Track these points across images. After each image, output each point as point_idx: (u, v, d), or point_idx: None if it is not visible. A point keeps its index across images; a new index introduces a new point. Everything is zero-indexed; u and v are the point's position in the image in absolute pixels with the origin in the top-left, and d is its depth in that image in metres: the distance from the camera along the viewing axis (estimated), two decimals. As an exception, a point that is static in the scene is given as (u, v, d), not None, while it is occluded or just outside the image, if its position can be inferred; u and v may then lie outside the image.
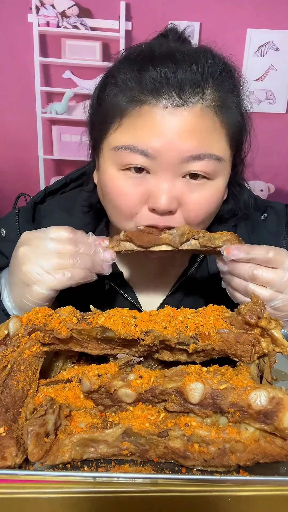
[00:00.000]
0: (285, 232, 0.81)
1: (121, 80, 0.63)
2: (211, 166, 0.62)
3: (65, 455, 0.40)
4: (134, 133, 0.62)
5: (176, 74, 0.60)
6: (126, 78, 0.62)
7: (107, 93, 0.66)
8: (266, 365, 0.49)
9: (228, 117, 0.64)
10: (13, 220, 0.79)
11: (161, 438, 0.41)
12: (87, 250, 0.61)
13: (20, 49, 2.54)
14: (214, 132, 0.63)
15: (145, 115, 0.61)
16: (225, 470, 0.41)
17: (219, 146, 0.63)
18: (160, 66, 0.60)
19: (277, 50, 2.69)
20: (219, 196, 0.67)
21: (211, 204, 0.66)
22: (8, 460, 0.39)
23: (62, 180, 0.88)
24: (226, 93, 0.64)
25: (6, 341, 0.49)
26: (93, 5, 2.48)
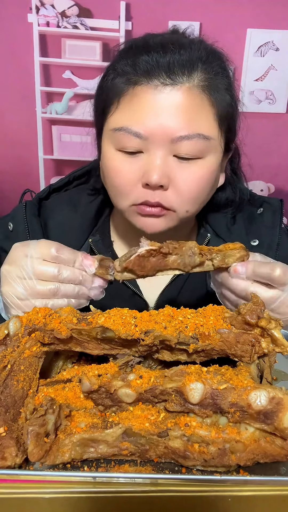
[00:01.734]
0: (279, 225, 0.85)
1: (119, 66, 0.69)
2: (200, 145, 0.66)
3: (65, 455, 0.40)
4: (129, 114, 0.66)
5: (165, 56, 0.65)
6: (123, 63, 0.68)
7: (107, 79, 0.71)
8: (266, 365, 0.49)
9: (217, 97, 0.68)
10: (20, 213, 0.81)
11: (161, 438, 0.41)
12: (72, 276, 0.55)
13: (20, 49, 2.55)
14: (202, 111, 0.66)
15: (138, 95, 0.65)
16: (225, 470, 0.41)
17: (208, 125, 0.67)
18: (152, 51, 0.65)
19: (277, 50, 2.69)
20: (210, 175, 0.70)
21: (202, 182, 0.69)
22: (8, 460, 0.39)
23: (65, 178, 0.91)
24: (214, 75, 0.68)
25: (6, 341, 0.49)
26: (93, 5, 2.48)
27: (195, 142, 0.65)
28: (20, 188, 1.02)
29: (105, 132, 0.71)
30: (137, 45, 0.69)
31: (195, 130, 0.65)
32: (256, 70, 2.74)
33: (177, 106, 0.64)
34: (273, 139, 2.77)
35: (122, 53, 0.71)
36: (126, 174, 0.68)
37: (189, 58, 0.65)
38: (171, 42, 0.67)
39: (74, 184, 0.91)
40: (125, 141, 0.66)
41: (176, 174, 0.67)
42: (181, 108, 0.64)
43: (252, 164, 0.87)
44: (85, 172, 0.90)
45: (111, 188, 0.73)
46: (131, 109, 0.66)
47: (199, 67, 0.66)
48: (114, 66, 0.70)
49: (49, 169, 2.79)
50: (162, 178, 0.65)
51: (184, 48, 0.66)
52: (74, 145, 2.67)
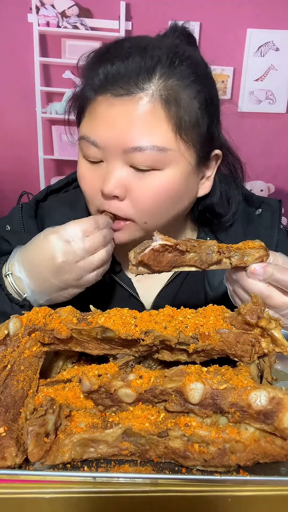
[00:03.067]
0: (278, 226, 0.84)
1: (85, 75, 0.70)
2: (154, 157, 0.64)
3: (65, 455, 0.40)
4: (90, 123, 0.67)
5: (121, 66, 0.63)
6: (86, 73, 0.69)
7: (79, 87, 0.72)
8: (266, 365, 0.49)
9: (177, 107, 0.64)
10: (16, 215, 0.81)
11: (161, 438, 0.41)
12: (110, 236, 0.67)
13: (20, 49, 2.55)
14: (157, 122, 0.64)
15: (96, 106, 0.66)
16: (225, 470, 0.41)
17: (162, 136, 0.64)
18: (108, 61, 0.65)
19: (277, 50, 2.70)
20: (171, 186, 0.67)
21: (160, 193, 0.67)
22: (8, 460, 0.39)
23: (64, 179, 0.90)
24: (178, 81, 0.64)
25: (6, 341, 0.49)
26: (93, 5, 2.48)
27: (149, 154, 0.63)
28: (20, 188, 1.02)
29: (78, 140, 0.72)
30: (100, 53, 0.69)
31: (148, 142, 0.63)
32: (256, 70, 2.74)
33: (129, 117, 0.63)
34: (273, 139, 2.78)
35: (89, 62, 0.70)
36: (89, 181, 0.70)
37: (144, 65, 0.63)
38: (129, 48, 0.64)
39: (74, 185, 0.90)
40: (86, 150, 0.67)
41: (133, 185, 0.66)
42: (134, 119, 0.63)
43: (252, 164, 0.86)
44: None
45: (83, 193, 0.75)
46: (91, 119, 0.67)
47: (156, 75, 0.63)
48: (82, 73, 0.71)
49: (49, 169, 2.79)
50: (115, 189, 0.66)
51: (141, 54, 0.63)
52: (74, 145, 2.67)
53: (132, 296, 0.83)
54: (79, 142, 0.70)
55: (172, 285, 0.84)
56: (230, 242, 0.83)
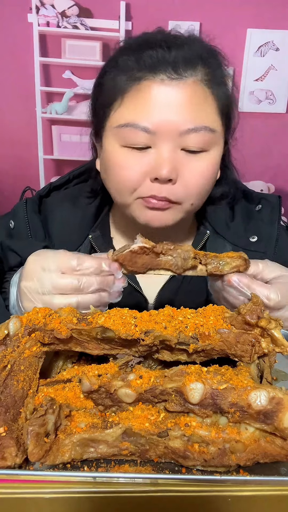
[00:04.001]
0: (278, 221, 0.85)
1: (121, 61, 0.69)
2: (206, 138, 0.67)
3: (65, 455, 0.40)
4: (135, 109, 0.67)
5: (170, 52, 0.66)
6: (126, 59, 0.68)
7: (108, 76, 0.71)
8: (266, 365, 0.49)
9: (219, 90, 0.70)
10: (21, 210, 0.82)
11: (161, 438, 0.41)
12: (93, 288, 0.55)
13: (20, 49, 2.55)
14: (207, 105, 0.68)
15: (144, 90, 0.66)
16: (225, 470, 0.41)
17: (212, 118, 0.68)
18: (156, 46, 0.67)
19: (277, 50, 2.70)
20: (214, 168, 0.72)
21: (208, 174, 0.70)
22: (8, 460, 0.39)
23: (65, 176, 0.92)
24: (215, 69, 0.70)
25: (6, 341, 0.49)
26: (93, 5, 2.48)
27: (202, 135, 0.66)
28: (20, 188, 1.03)
29: (108, 130, 0.71)
30: (139, 42, 0.70)
31: (201, 123, 0.66)
32: (256, 70, 2.74)
33: (183, 100, 0.65)
34: (273, 139, 2.77)
35: (123, 50, 0.72)
36: (133, 169, 0.68)
37: (192, 53, 0.67)
38: (174, 39, 0.69)
39: (74, 183, 0.92)
40: (132, 137, 0.66)
41: (184, 167, 0.68)
42: (188, 102, 0.65)
43: (252, 164, 0.87)
44: (85, 171, 0.91)
45: (114, 184, 0.73)
46: (137, 105, 0.66)
47: (200, 62, 0.67)
48: (114, 63, 0.71)
49: (49, 169, 2.79)
50: (172, 172, 0.66)
51: (186, 44, 0.68)
52: (74, 145, 2.67)
53: (135, 290, 0.84)
54: (117, 131, 0.68)
55: (175, 279, 0.85)
56: (231, 237, 0.84)
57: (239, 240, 0.84)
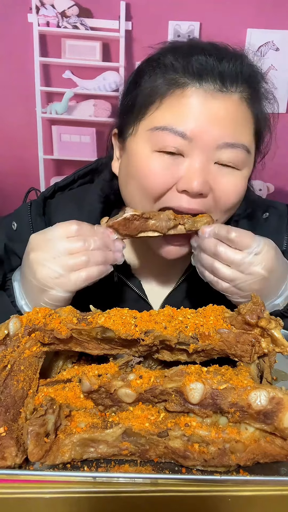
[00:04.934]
0: (286, 231, 0.83)
1: (166, 63, 0.66)
2: (242, 156, 0.66)
3: (65, 455, 0.40)
4: (174, 114, 0.64)
5: (221, 63, 0.64)
6: (172, 60, 0.66)
7: (147, 77, 0.68)
8: (266, 365, 0.49)
9: (258, 111, 0.69)
10: (25, 213, 0.80)
11: (161, 438, 0.41)
12: (97, 244, 0.62)
13: (20, 49, 2.54)
14: (246, 124, 0.67)
15: (187, 97, 0.63)
16: (225, 470, 0.41)
17: (249, 138, 0.67)
18: (206, 54, 0.64)
19: (277, 50, 2.69)
20: (244, 187, 0.70)
21: (239, 192, 0.69)
22: (8, 460, 0.39)
23: (70, 176, 0.90)
24: (257, 89, 0.69)
25: (6, 341, 0.49)
26: (93, 5, 2.48)
27: (239, 152, 0.65)
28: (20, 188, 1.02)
29: (139, 132, 0.68)
30: (188, 45, 0.68)
31: (240, 140, 0.65)
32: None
33: (227, 114, 0.64)
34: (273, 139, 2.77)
35: (168, 51, 0.68)
36: (162, 177, 0.65)
37: (240, 69, 0.65)
38: (224, 50, 0.67)
39: (79, 183, 0.90)
40: (167, 140, 0.64)
41: (216, 181, 0.66)
42: (230, 117, 0.64)
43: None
44: (89, 171, 0.89)
45: (138, 190, 0.69)
46: (178, 109, 0.64)
47: (246, 80, 0.66)
48: (156, 63, 0.67)
49: (49, 169, 2.78)
50: (203, 187, 0.64)
51: (236, 58, 0.66)
52: (74, 145, 2.67)
53: (140, 298, 0.83)
54: (150, 133, 0.65)
55: (181, 288, 0.84)
56: None
57: None
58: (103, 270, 0.63)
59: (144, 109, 0.67)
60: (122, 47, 2.41)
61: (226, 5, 2.48)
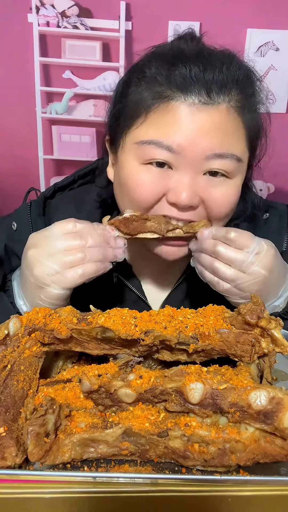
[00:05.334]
0: (286, 231, 0.83)
1: (150, 75, 0.65)
2: (232, 166, 0.65)
3: (65, 455, 0.40)
4: (160, 128, 0.63)
5: (205, 73, 0.62)
6: (155, 73, 0.64)
7: (133, 88, 0.67)
8: (266, 365, 0.49)
9: (249, 119, 0.67)
10: (25, 213, 0.81)
11: (161, 438, 0.41)
12: (95, 241, 0.62)
13: (20, 49, 2.54)
14: (237, 133, 0.65)
15: (172, 111, 0.62)
16: (225, 470, 0.41)
17: (240, 147, 0.66)
18: (190, 64, 0.62)
19: (277, 50, 2.69)
20: (237, 195, 0.70)
21: (232, 201, 0.69)
22: (8, 460, 0.39)
23: (70, 177, 0.89)
24: (249, 96, 0.67)
25: (6, 341, 0.49)
26: (93, 5, 2.48)
27: (229, 162, 0.64)
28: (20, 188, 1.02)
29: (127, 144, 0.68)
30: (171, 53, 0.66)
31: (229, 150, 0.64)
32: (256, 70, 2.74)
33: (213, 125, 0.62)
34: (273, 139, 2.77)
35: (152, 60, 0.66)
36: (150, 189, 0.65)
37: (228, 77, 0.63)
38: (209, 56, 0.64)
39: (79, 183, 0.89)
40: (153, 154, 0.63)
41: (207, 192, 0.65)
42: (218, 128, 0.63)
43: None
44: (89, 171, 0.89)
45: (129, 202, 0.70)
46: (164, 124, 0.63)
47: (235, 87, 0.64)
48: (143, 73, 0.66)
49: (49, 169, 2.78)
50: (192, 199, 0.64)
51: (223, 64, 0.63)
52: (74, 145, 2.67)
53: (140, 299, 0.83)
54: (137, 147, 0.65)
55: (180, 288, 0.84)
56: None
57: None
58: (101, 267, 0.62)
59: (131, 122, 0.67)
60: (122, 47, 2.41)
61: (226, 5, 2.48)
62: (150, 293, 0.84)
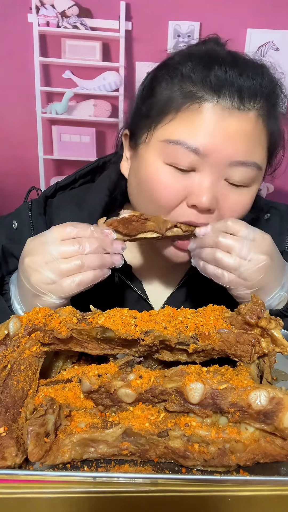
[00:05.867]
0: (287, 232, 0.83)
1: (185, 73, 0.64)
2: (253, 174, 0.66)
3: (65, 455, 0.40)
4: (188, 128, 0.63)
5: (240, 78, 0.62)
6: (190, 72, 0.64)
7: (164, 85, 0.67)
8: (266, 365, 0.49)
9: (273, 128, 0.68)
10: (25, 212, 0.80)
11: (161, 438, 0.41)
12: (93, 247, 0.60)
13: (20, 49, 2.54)
14: (261, 141, 0.66)
15: (204, 113, 0.62)
16: (225, 470, 0.41)
17: (262, 156, 0.67)
18: (226, 67, 0.62)
19: (277, 50, 2.69)
20: (251, 202, 0.70)
21: (245, 208, 0.69)
22: (8, 460, 0.39)
23: (71, 176, 0.89)
24: (274, 105, 0.68)
25: (6, 341, 0.49)
26: (93, 5, 2.48)
27: (250, 170, 0.65)
28: (20, 188, 1.02)
29: (152, 141, 0.67)
30: (207, 54, 0.66)
31: (253, 159, 0.65)
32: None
33: (242, 131, 0.63)
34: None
35: (189, 59, 0.66)
36: (173, 190, 0.65)
37: (258, 85, 0.64)
38: (244, 62, 0.66)
39: (80, 182, 0.89)
40: (179, 155, 0.63)
41: (223, 198, 0.66)
42: (245, 134, 0.63)
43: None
44: (90, 171, 0.89)
45: (148, 201, 0.69)
46: (193, 124, 0.63)
47: (264, 96, 0.65)
48: (172, 70, 0.66)
49: (49, 169, 2.78)
50: (212, 202, 0.64)
51: (257, 73, 0.65)
52: (74, 145, 2.67)
53: (141, 299, 0.83)
54: (163, 146, 0.65)
55: (182, 289, 0.84)
56: None
57: None
58: (99, 274, 0.61)
59: (158, 119, 0.66)
60: (122, 47, 2.41)
61: (226, 5, 2.48)
62: (152, 293, 0.84)
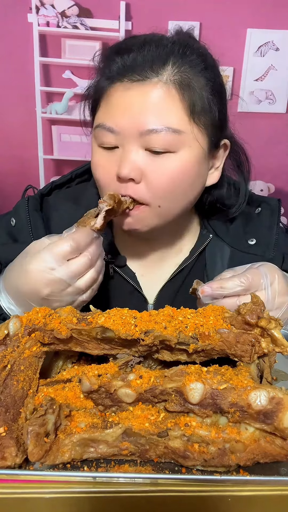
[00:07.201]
0: (277, 225, 0.85)
1: (100, 67, 0.73)
2: (169, 139, 0.66)
3: (65, 455, 0.40)
4: (105, 111, 0.70)
5: (137, 55, 0.67)
6: (102, 64, 0.73)
7: (94, 80, 0.75)
8: (266, 365, 0.49)
9: (190, 92, 0.68)
10: (23, 208, 0.81)
11: (161, 438, 0.41)
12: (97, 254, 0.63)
13: (20, 49, 2.54)
14: (172, 105, 0.67)
15: (112, 93, 0.69)
16: (225, 470, 0.41)
17: (177, 119, 0.67)
18: (125, 51, 0.68)
19: (277, 50, 2.69)
20: (185, 170, 0.69)
21: (175, 176, 0.69)
22: (8, 460, 0.39)
23: (67, 175, 0.91)
24: (190, 69, 0.68)
25: (6, 341, 0.49)
26: (93, 5, 2.48)
27: (164, 135, 0.66)
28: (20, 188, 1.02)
29: (93, 132, 0.74)
30: (115, 47, 0.73)
31: (163, 124, 0.66)
32: (256, 70, 2.74)
33: (144, 100, 0.66)
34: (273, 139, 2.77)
35: (103, 53, 0.75)
36: (104, 168, 0.71)
37: (158, 54, 0.67)
38: (146, 41, 0.69)
39: (76, 182, 0.91)
40: (102, 137, 0.69)
41: (148, 167, 0.68)
42: (149, 103, 0.66)
43: (252, 164, 0.86)
44: (87, 170, 0.90)
45: (96, 183, 0.76)
46: (107, 107, 0.69)
47: (169, 63, 0.67)
48: (98, 66, 0.75)
49: (49, 169, 2.79)
50: (131, 171, 0.67)
51: (155, 44, 0.68)
52: (74, 145, 2.67)
53: (135, 290, 0.84)
54: (94, 131, 0.72)
55: (175, 280, 0.85)
56: (230, 240, 0.85)
57: (238, 243, 0.84)
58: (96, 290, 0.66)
59: (93, 111, 0.75)
60: (122, 47, 2.41)
61: (226, 5, 2.49)
62: (145, 284, 0.85)
